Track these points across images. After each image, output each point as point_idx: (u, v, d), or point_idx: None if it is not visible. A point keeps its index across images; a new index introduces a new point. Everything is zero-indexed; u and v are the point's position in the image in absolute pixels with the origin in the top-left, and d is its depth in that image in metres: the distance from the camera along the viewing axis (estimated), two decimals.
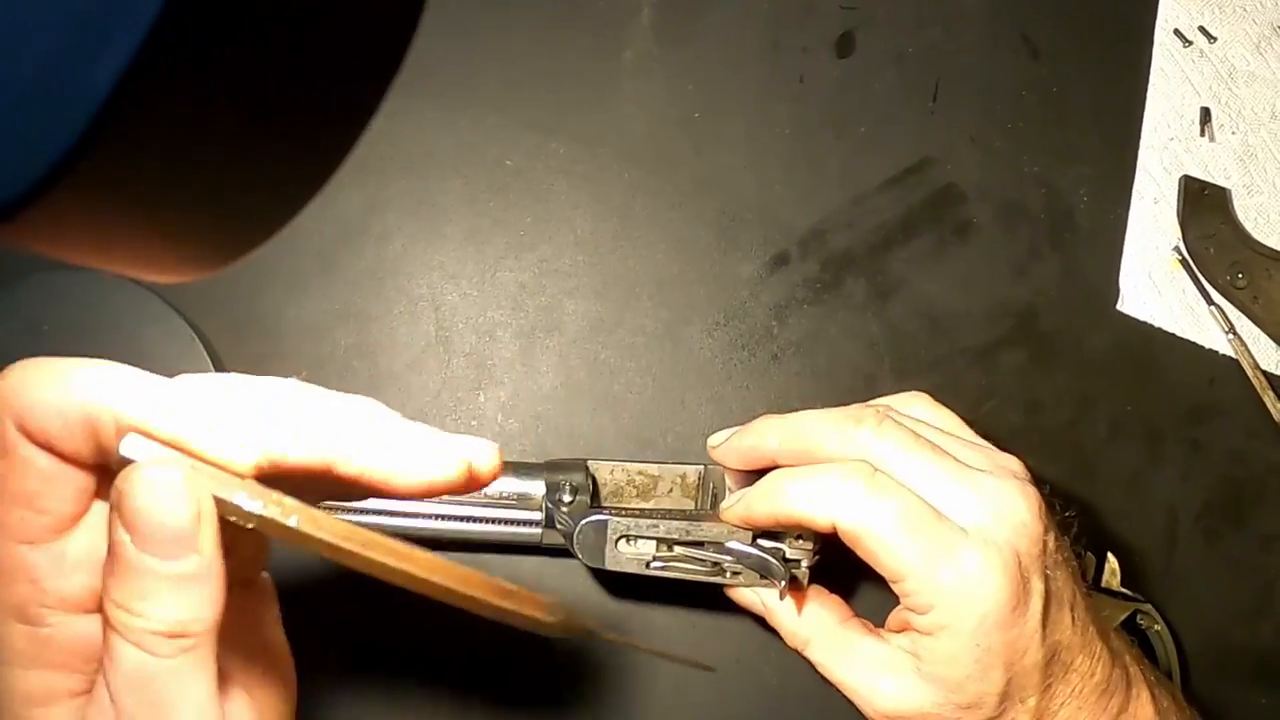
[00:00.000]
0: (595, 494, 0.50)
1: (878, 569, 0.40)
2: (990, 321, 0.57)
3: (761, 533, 0.44)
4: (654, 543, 0.44)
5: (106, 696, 0.25)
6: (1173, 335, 0.58)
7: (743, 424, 0.46)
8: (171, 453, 0.25)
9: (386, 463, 0.29)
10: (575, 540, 0.44)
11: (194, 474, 0.25)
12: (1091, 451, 0.57)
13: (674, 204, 0.55)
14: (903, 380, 0.55)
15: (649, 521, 0.44)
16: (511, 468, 0.48)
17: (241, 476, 0.26)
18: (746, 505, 0.42)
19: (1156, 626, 0.55)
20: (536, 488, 0.48)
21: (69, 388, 0.26)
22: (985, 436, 0.56)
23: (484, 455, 0.30)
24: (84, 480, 0.27)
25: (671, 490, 0.52)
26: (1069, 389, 0.57)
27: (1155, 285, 0.58)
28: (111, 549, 0.25)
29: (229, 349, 0.53)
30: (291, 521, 0.26)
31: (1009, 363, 0.56)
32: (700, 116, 0.56)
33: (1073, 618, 0.41)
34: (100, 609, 0.26)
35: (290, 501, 0.26)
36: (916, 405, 0.46)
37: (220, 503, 0.25)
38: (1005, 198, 0.58)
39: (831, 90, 0.57)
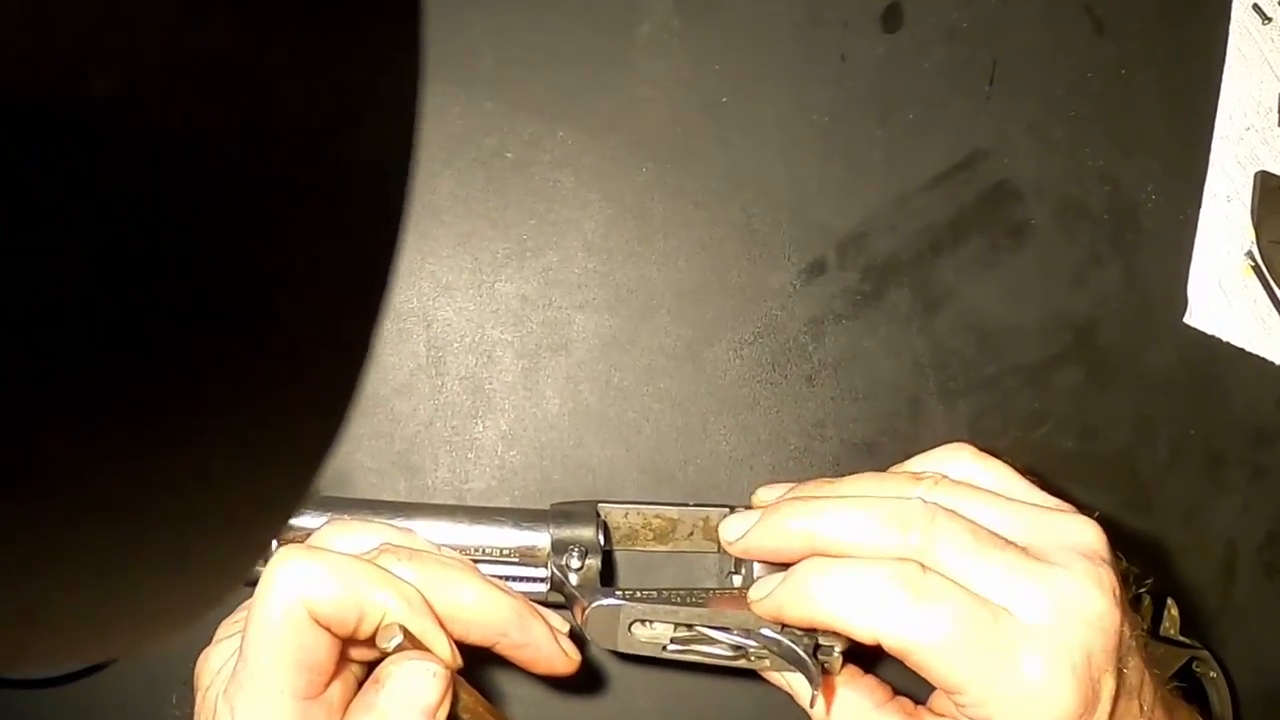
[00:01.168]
0: (608, 539, 0.45)
1: (931, 682, 0.36)
2: (1045, 336, 0.51)
3: None
4: (671, 625, 0.39)
5: None
6: (1240, 350, 0.52)
7: (754, 484, 0.41)
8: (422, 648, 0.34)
9: (535, 654, 0.38)
10: (586, 621, 0.39)
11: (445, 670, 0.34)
12: (1149, 480, 0.52)
13: (697, 203, 0.48)
14: (949, 402, 0.50)
15: (667, 607, 0.38)
16: (513, 516, 0.43)
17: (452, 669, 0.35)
18: (777, 604, 0.37)
19: (1212, 674, 0.51)
20: (542, 540, 0.42)
21: (349, 587, 0.33)
22: (1036, 465, 0.50)
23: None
24: (336, 646, 0.34)
25: (692, 534, 0.46)
26: (1127, 411, 0.51)
27: (1225, 295, 0.53)
28: (369, 710, 0.33)
29: None
30: (481, 710, 0.36)
31: (1064, 382, 0.51)
32: (727, 101, 0.49)
33: (1141, 704, 0.37)
34: None
35: (474, 693, 0.37)
36: (961, 460, 0.40)
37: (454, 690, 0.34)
38: (1064, 195, 0.51)
39: (876, 71, 0.50)
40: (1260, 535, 0.52)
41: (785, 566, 0.38)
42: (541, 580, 0.42)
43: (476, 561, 0.42)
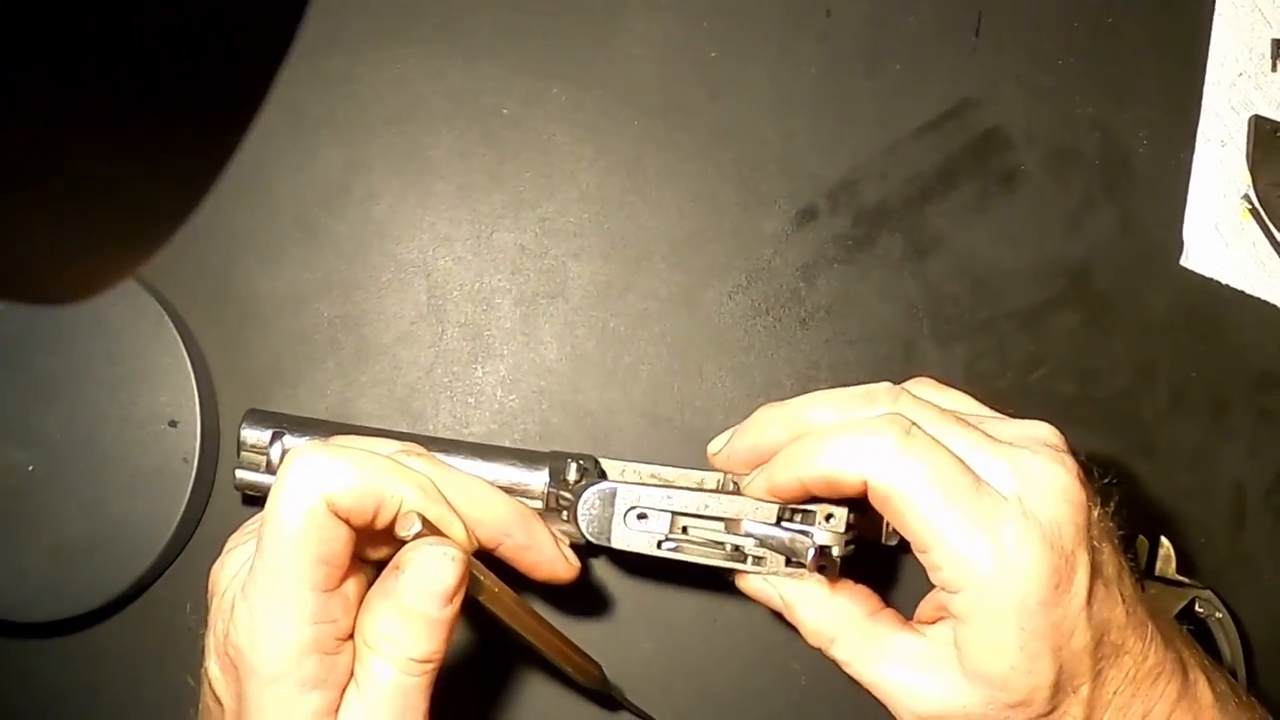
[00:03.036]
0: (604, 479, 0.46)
1: (906, 534, 0.36)
2: (1040, 280, 0.51)
3: (788, 515, 0.39)
4: (667, 519, 0.39)
5: (358, 706, 0.34)
6: (1241, 293, 0.52)
7: (751, 412, 0.42)
8: (439, 534, 0.35)
9: (538, 557, 0.39)
10: (580, 512, 0.39)
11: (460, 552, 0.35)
12: (1151, 423, 0.51)
13: (688, 154, 0.50)
14: (944, 346, 0.50)
15: (663, 492, 0.39)
16: (510, 455, 0.43)
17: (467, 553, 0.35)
18: (769, 472, 0.38)
19: (1218, 614, 0.50)
20: (538, 479, 0.43)
21: (367, 477, 0.34)
22: (1035, 408, 0.51)
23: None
24: (353, 539, 0.34)
25: None
26: (1126, 354, 0.51)
27: (1222, 237, 0.53)
28: (389, 595, 0.34)
29: (202, 325, 0.48)
30: (496, 590, 0.37)
31: (1061, 326, 0.51)
32: (716, 56, 0.50)
33: (1121, 595, 0.37)
34: (354, 639, 0.35)
35: (490, 575, 0.37)
36: (922, 389, 0.41)
37: (470, 574, 0.35)
38: (1055, 143, 0.52)
39: (862, 24, 0.51)
40: (1268, 479, 0.52)
41: None
42: (538, 497, 0.42)
43: None
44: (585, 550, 0.41)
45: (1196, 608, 0.50)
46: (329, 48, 0.49)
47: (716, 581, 0.48)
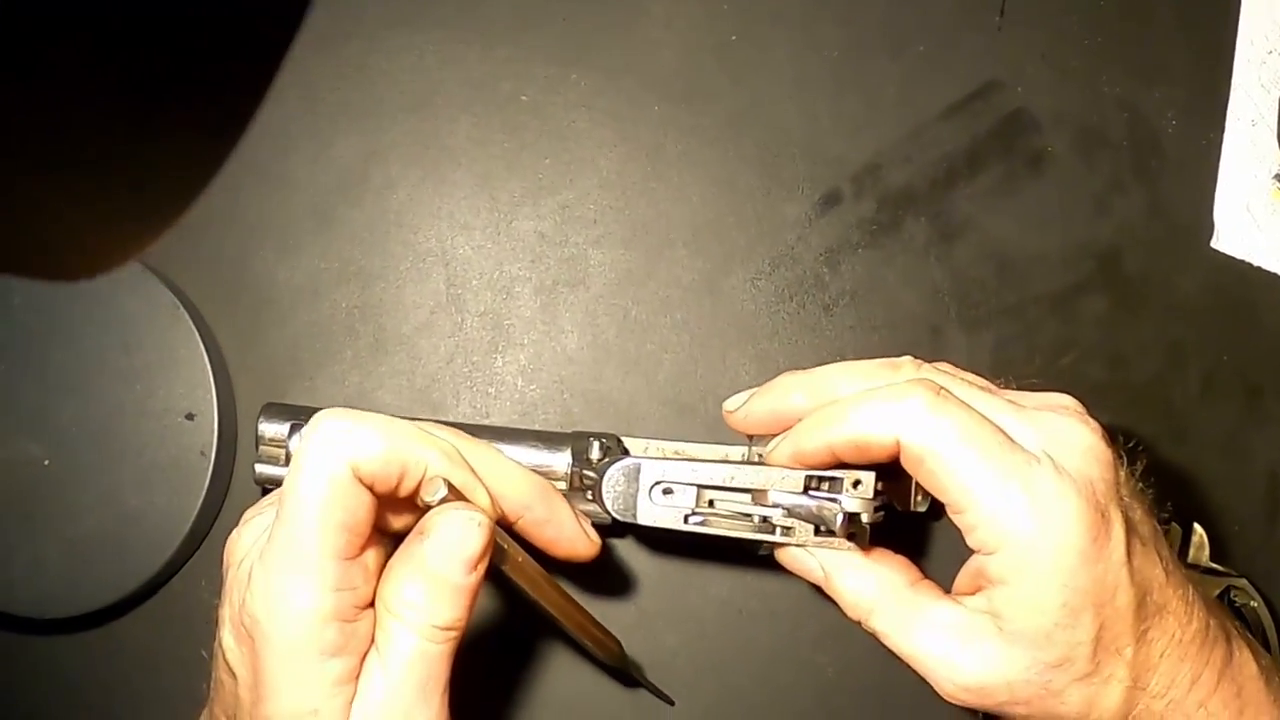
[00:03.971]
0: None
1: (940, 496, 0.35)
2: (1068, 264, 0.50)
3: (814, 484, 0.38)
4: (693, 493, 0.38)
5: (379, 674, 0.33)
6: (1274, 275, 0.51)
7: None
8: (465, 500, 0.35)
9: (558, 533, 0.38)
10: (604, 489, 0.39)
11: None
12: (1182, 409, 0.50)
13: (710, 140, 0.49)
14: (971, 331, 0.49)
15: (688, 466, 0.38)
16: (532, 436, 0.43)
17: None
18: (795, 438, 0.37)
19: (1253, 603, 0.49)
20: (561, 460, 0.42)
21: (393, 442, 0.33)
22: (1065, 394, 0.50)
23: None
24: (375, 507, 0.34)
25: None
26: (1157, 339, 0.50)
27: (1254, 218, 0.52)
28: (413, 560, 0.33)
29: (218, 317, 0.47)
30: (520, 559, 0.36)
31: (1090, 310, 0.50)
32: (737, 40, 0.49)
33: (1159, 554, 0.36)
34: (375, 606, 0.34)
35: (514, 543, 0.36)
36: (940, 371, 0.40)
37: (494, 541, 0.34)
38: (1083, 124, 0.51)
39: (884, 5, 0.50)
40: None
41: None
42: (561, 478, 0.42)
43: None
44: (610, 532, 0.41)
45: (1231, 596, 0.49)
46: (346, 35, 0.48)
47: (741, 573, 0.47)
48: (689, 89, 0.49)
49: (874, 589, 0.38)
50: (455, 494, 0.34)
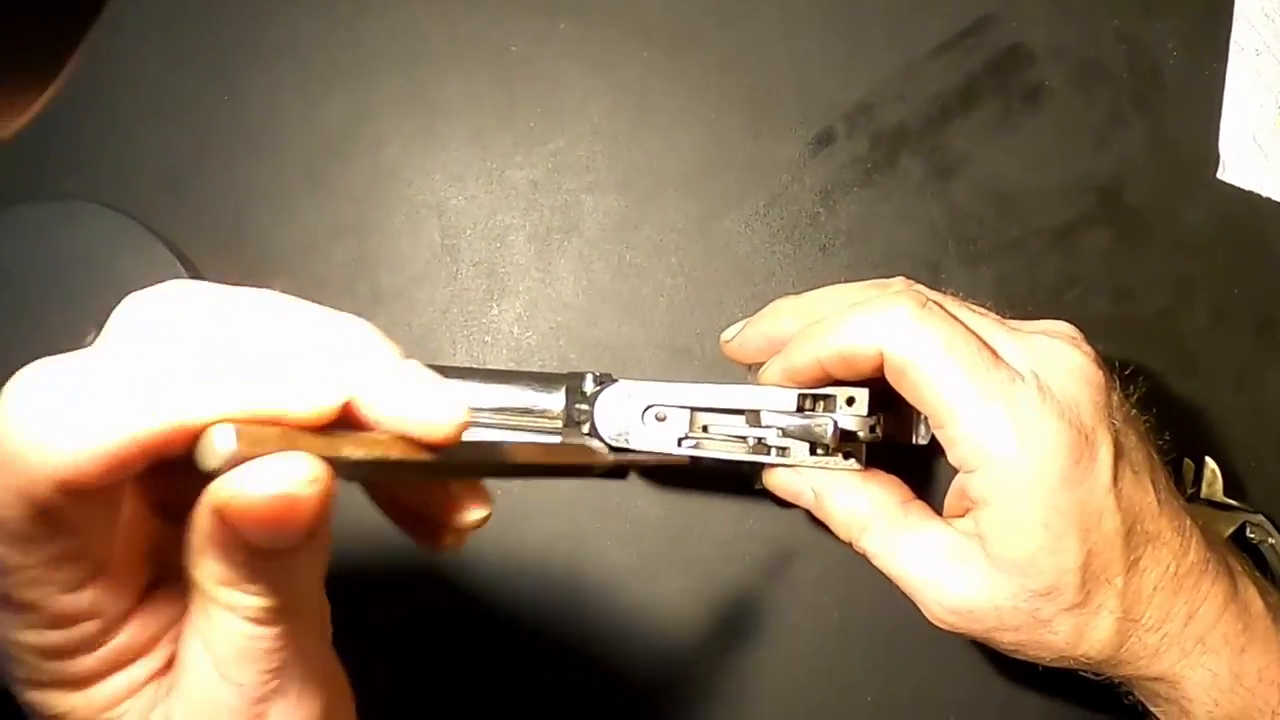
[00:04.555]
0: None
1: (922, 408, 0.35)
2: (1069, 198, 0.49)
3: (809, 405, 0.38)
4: (686, 417, 0.38)
5: (197, 668, 0.24)
6: None
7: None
8: (269, 431, 0.22)
9: (402, 411, 0.24)
10: (597, 415, 0.38)
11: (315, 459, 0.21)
12: (1192, 342, 0.49)
13: (700, 84, 0.49)
14: (971, 267, 0.48)
15: (680, 388, 0.38)
16: (527, 378, 0.43)
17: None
18: (785, 355, 0.37)
19: (1270, 540, 0.48)
20: (556, 400, 0.42)
21: (104, 424, 0.21)
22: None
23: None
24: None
25: None
26: (1164, 271, 0.49)
27: (1261, 148, 0.50)
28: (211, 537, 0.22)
29: (216, 275, 0.48)
30: (378, 453, 0.23)
31: (1093, 244, 0.49)
32: None
33: (1152, 483, 0.35)
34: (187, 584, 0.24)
35: (359, 435, 0.24)
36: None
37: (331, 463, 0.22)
38: (1081, 56, 0.50)
39: None
40: None
41: None
42: (557, 417, 0.42)
43: (479, 427, 0.42)
44: (610, 474, 0.40)
45: (1248, 533, 0.48)
46: None
47: (744, 517, 0.47)
48: (677, 34, 0.49)
49: (865, 508, 0.37)
50: (250, 443, 0.21)
